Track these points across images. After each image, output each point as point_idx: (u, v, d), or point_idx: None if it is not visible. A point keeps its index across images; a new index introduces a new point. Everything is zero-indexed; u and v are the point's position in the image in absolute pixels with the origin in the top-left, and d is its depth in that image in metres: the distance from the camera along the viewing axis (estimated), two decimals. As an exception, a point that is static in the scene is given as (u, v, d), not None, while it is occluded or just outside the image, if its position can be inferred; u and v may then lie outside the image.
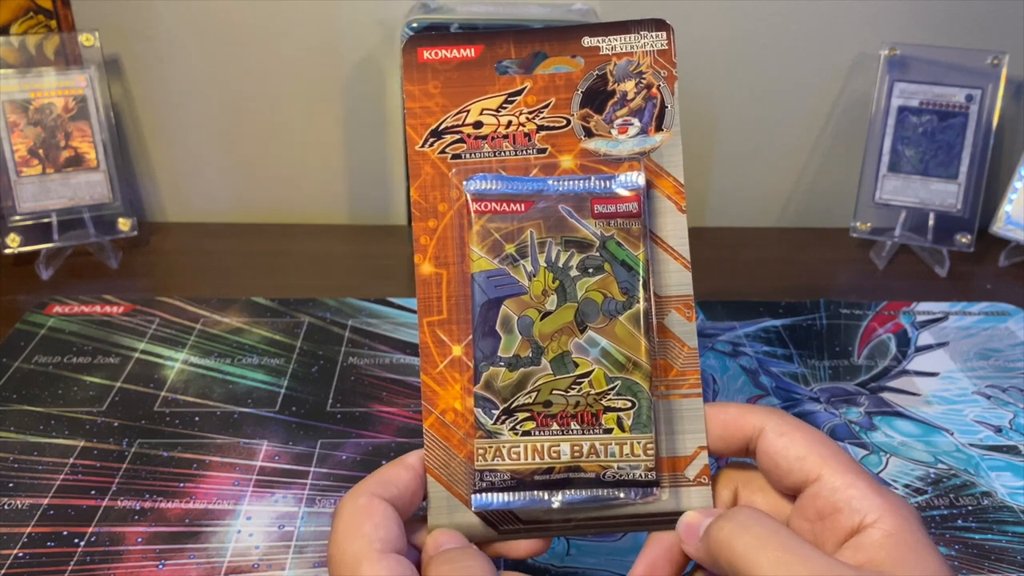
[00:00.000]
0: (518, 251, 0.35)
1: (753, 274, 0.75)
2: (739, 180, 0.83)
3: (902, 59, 0.74)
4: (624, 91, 0.37)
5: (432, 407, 0.35)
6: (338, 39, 0.76)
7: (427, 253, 0.36)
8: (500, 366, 0.35)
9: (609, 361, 0.35)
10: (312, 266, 0.75)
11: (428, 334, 0.36)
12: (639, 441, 0.34)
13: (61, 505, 0.47)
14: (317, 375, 0.59)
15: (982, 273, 0.75)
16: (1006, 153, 0.80)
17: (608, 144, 0.36)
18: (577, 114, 0.37)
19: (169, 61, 0.76)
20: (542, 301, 0.35)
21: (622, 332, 0.35)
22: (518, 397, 0.35)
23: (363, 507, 0.33)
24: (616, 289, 0.35)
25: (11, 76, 0.69)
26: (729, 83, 0.78)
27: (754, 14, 0.75)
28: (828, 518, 0.32)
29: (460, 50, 0.37)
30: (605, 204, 0.36)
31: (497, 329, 0.35)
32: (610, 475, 0.34)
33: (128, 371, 0.58)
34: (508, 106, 0.37)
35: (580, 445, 0.34)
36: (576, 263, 0.35)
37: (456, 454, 0.35)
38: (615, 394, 0.35)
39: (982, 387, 0.59)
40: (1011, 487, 0.50)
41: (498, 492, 0.34)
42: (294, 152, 0.80)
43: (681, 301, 0.36)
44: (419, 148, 0.36)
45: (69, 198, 0.71)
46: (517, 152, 0.37)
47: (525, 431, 0.34)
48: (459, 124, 0.37)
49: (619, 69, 0.37)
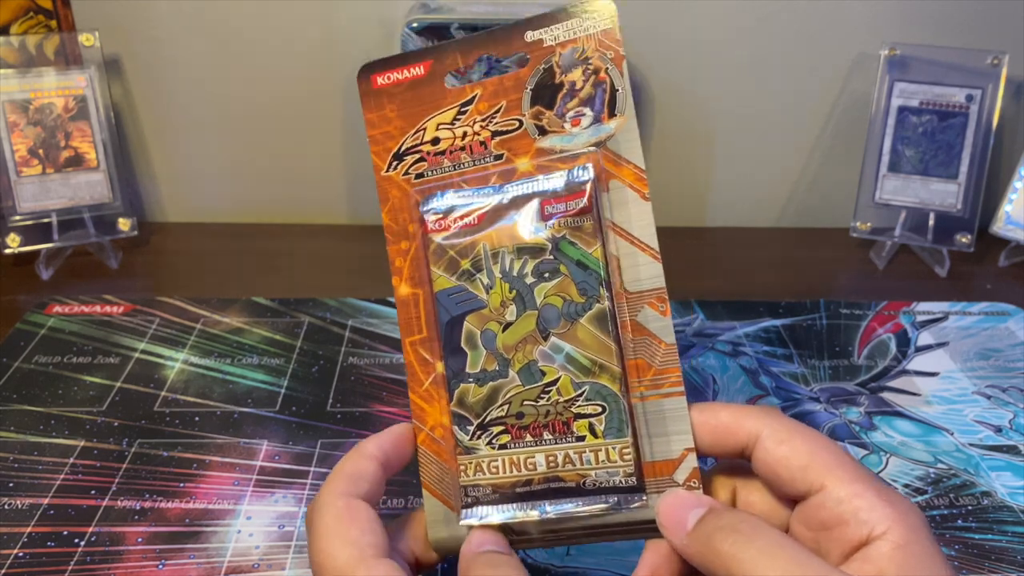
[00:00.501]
0: (473, 265, 0.35)
1: (753, 274, 0.75)
2: (739, 180, 0.83)
3: (902, 59, 0.74)
4: (572, 81, 0.35)
5: (422, 424, 0.35)
6: (338, 39, 0.76)
7: (403, 275, 0.36)
8: (469, 382, 0.35)
9: (575, 366, 0.34)
10: (312, 266, 0.75)
11: (412, 354, 0.36)
12: (614, 446, 0.33)
13: (61, 505, 0.47)
14: (317, 375, 0.59)
15: (982, 273, 0.75)
16: (1006, 153, 0.80)
17: (562, 140, 0.35)
18: (529, 113, 0.36)
19: (169, 61, 0.76)
20: (502, 313, 0.35)
21: (584, 335, 0.34)
22: (491, 411, 0.34)
23: (344, 510, 0.32)
24: (574, 291, 0.34)
25: (11, 76, 0.69)
26: (729, 83, 0.78)
27: (754, 14, 0.75)
28: (834, 529, 0.30)
29: (409, 70, 0.36)
30: (553, 204, 0.34)
31: (463, 346, 0.35)
32: (590, 483, 0.34)
33: (128, 371, 0.58)
34: (462, 117, 0.36)
35: (555, 455, 0.34)
36: (531, 270, 0.34)
37: (448, 468, 0.35)
38: (584, 400, 0.34)
39: (982, 387, 0.59)
40: (1011, 487, 0.50)
41: (484, 506, 0.34)
42: (294, 152, 0.80)
43: (654, 295, 0.34)
44: (384, 173, 0.37)
45: (69, 198, 0.71)
46: (475, 162, 0.36)
47: (501, 444, 0.34)
48: (418, 143, 0.36)
49: (564, 59, 0.35)
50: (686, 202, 0.84)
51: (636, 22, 0.75)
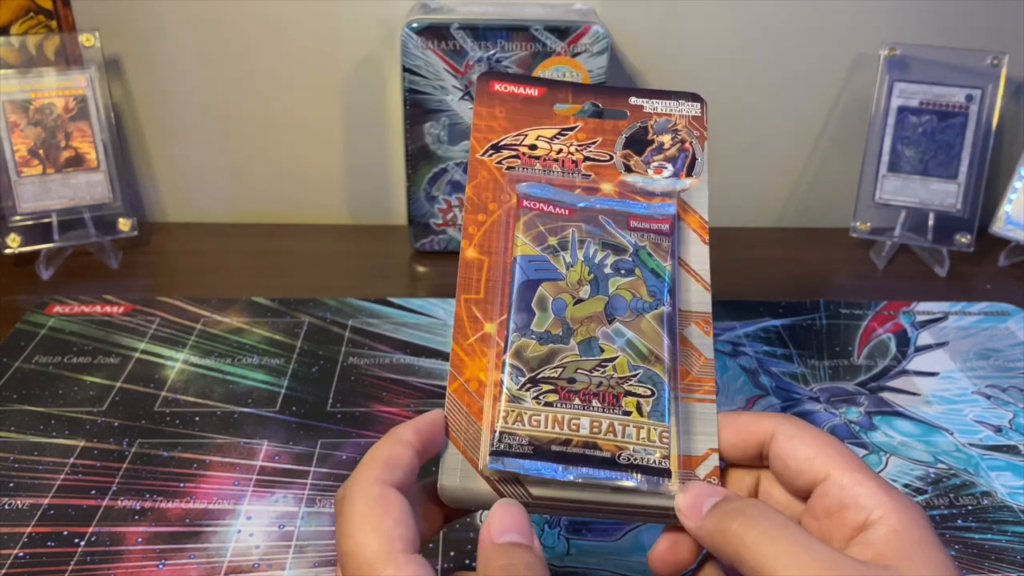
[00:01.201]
0: (559, 244, 0.39)
1: (753, 274, 0.75)
2: (739, 180, 0.83)
3: (902, 59, 0.74)
4: (662, 142, 0.42)
5: (458, 374, 0.37)
6: (338, 39, 0.76)
7: (473, 240, 0.39)
8: (531, 338, 0.37)
9: (633, 351, 0.37)
10: (312, 266, 0.75)
11: (464, 308, 0.38)
12: (655, 428, 0.36)
13: (61, 505, 0.47)
14: (317, 375, 0.59)
15: (982, 273, 0.75)
16: (1006, 153, 0.80)
17: (644, 180, 0.41)
18: (619, 153, 0.41)
19: (169, 61, 0.77)
20: (577, 289, 0.38)
21: (647, 328, 0.37)
22: (544, 369, 0.36)
23: (378, 499, 0.31)
24: (645, 291, 0.38)
25: (11, 76, 0.69)
26: (729, 83, 0.78)
27: (754, 14, 0.75)
28: (836, 515, 0.32)
29: (527, 88, 0.42)
30: (640, 221, 0.40)
31: (533, 306, 0.37)
32: (625, 456, 0.35)
33: (128, 371, 0.58)
34: (561, 137, 0.42)
35: (599, 422, 0.35)
36: (611, 263, 0.39)
37: (475, 421, 0.36)
38: (636, 381, 0.36)
39: (982, 387, 0.59)
40: (1011, 487, 0.50)
41: (515, 457, 0.35)
42: (294, 152, 0.80)
43: (701, 317, 0.39)
44: (479, 156, 0.41)
45: (69, 198, 0.71)
46: (564, 174, 0.41)
47: (548, 402, 0.36)
48: (517, 143, 0.41)
49: (659, 124, 0.42)
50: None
51: (637, 22, 0.75)
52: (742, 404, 0.57)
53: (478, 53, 0.68)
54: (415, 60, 0.68)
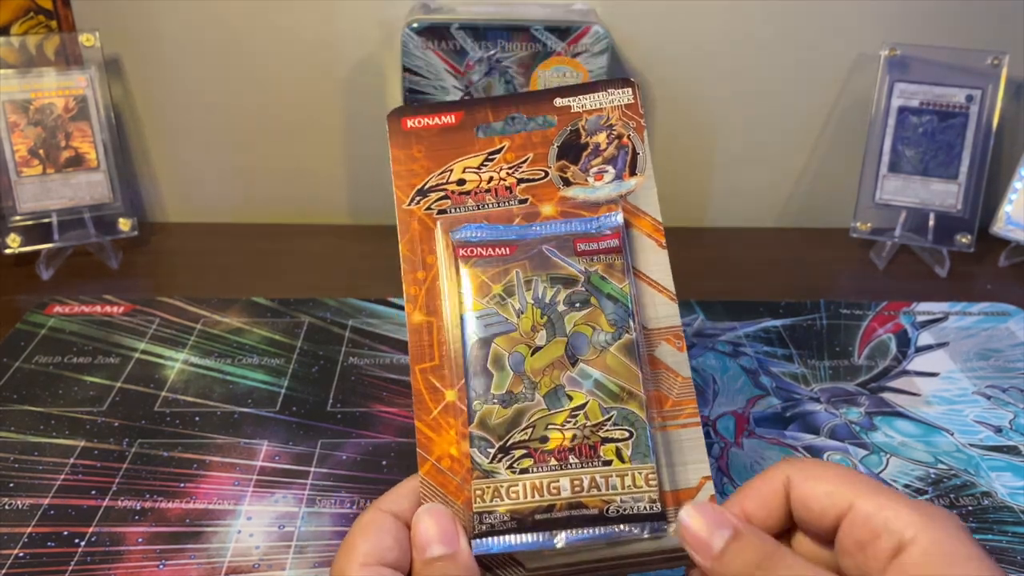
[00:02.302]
0: (505, 290, 0.36)
1: (753, 274, 0.75)
2: (739, 180, 0.83)
3: (902, 59, 0.74)
4: (597, 143, 0.39)
5: (428, 454, 0.35)
6: (338, 39, 0.76)
7: (417, 303, 0.37)
8: (493, 403, 0.35)
9: (603, 392, 0.35)
10: (312, 266, 0.75)
11: (421, 381, 0.36)
12: (640, 472, 0.34)
13: (61, 505, 0.47)
14: (317, 375, 0.59)
15: (982, 273, 0.75)
16: (1006, 153, 0.80)
17: (586, 191, 0.38)
18: (554, 166, 0.38)
19: (169, 61, 0.76)
20: (532, 337, 0.35)
21: (614, 363, 0.35)
22: (513, 434, 0.34)
23: (365, 522, 0.33)
24: (604, 321, 0.36)
25: (11, 76, 0.69)
26: (729, 83, 0.78)
27: (754, 14, 0.75)
28: (869, 546, 0.31)
29: (441, 117, 0.39)
30: (587, 242, 0.37)
31: (489, 367, 0.35)
32: (613, 509, 0.33)
33: (128, 371, 0.58)
34: (489, 163, 0.38)
35: (580, 479, 0.34)
36: (563, 298, 0.36)
37: (454, 501, 0.34)
38: (612, 424, 0.34)
39: (982, 387, 0.59)
40: (1011, 487, 0.50)
41: (498, 535, 0.33)
42: (294, 152, 0.80)
43: (670, 332, 0.36)
44: (406, 207, 0.38)
45: (69, 198, 0.71)
46: (499, 204, 0.38)
47: (523, 468, 0.34)
48: (443, 182, 0.38)
49: (591, 124, 0.39)
50: (686, 202, 0.84)
51: (637, 23, 0.75)
52: (742, 404, 0.57)
53: (478, 53, 0.68)
54: (415, 60, 0.68)
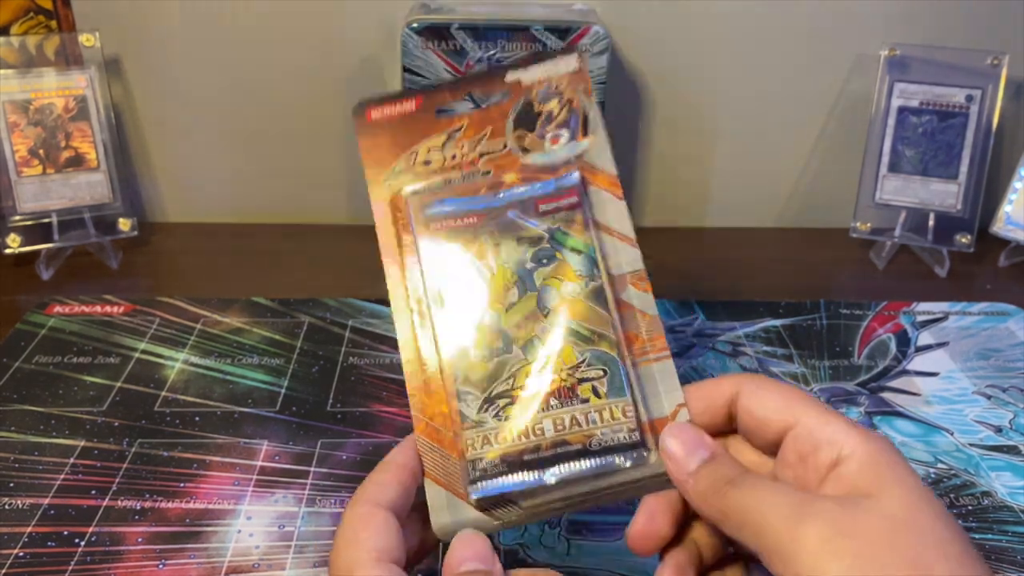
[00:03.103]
0: (477, 255, 0.39)
1: (753, 274, 0.75)
2: (739, 180, 0.83)
3: (902, 59, 0.74)
4: (550, 110, 0.41)
5: (421, 414, 0.37)
6: (338, 39, 0.76)
7: (398, 284, 0.40)
8: (475, 359, 0.37)
9: (575, 337, 0.37)
10: (312, 266, 0.75)
11: (412, 351, 0.38)
12: (616, 405, 0.36)
13: (61, 505, 0.47)
14: (317, 375, 0.59)
15: (982, 273, 0.75)
16: (1006, 153, 0.80)
17: (543, 156, 0.40)
18: (512, 136, 0.41)
19: (169, 61, 0.76)
20: (504, 296, 0.38)
21: (583, 309, 0.37)
22: (496, 385, 0.37)
23: (362, 516, 0.34)
24: (572, 273, 0.38)
25: (11, 76, 0.69)
26: (729, 83, 0.78)
27: (754, 14, 0.75)
28: (809, 457, 0.33)
29: (402, 104, 0.41)
30: (547, 203, 0.39)
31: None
32: (596, 443, 0.36)
33: (128, 371, 0.58)
34: (451, 142, 0.41)
35: (562, 418, 0.36)
36: (530, 256, 0.38)
37: (449, 454, 0.36)
38: (586, 366, 0.37)
39: (982, 387, 0.59)
40: (1011, 487, 0.50)
41: (493, 478, 0.35)
42: (294, 152, 0.80)
43: (635, 276, 0.39)
44: (378, 197, 0.42)
45: (69, 198, 0.71)
46: (465, 179, 0.40)
47: (507, 416, 0.36)
48: (410, 165, 0.41)
49: (541, 93, 0.41)
50: (686, 202, 0.84)
51: (637, 23, 0.75)
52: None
53: (478, 53, 0.68)
54: (415, 60, 0.68)
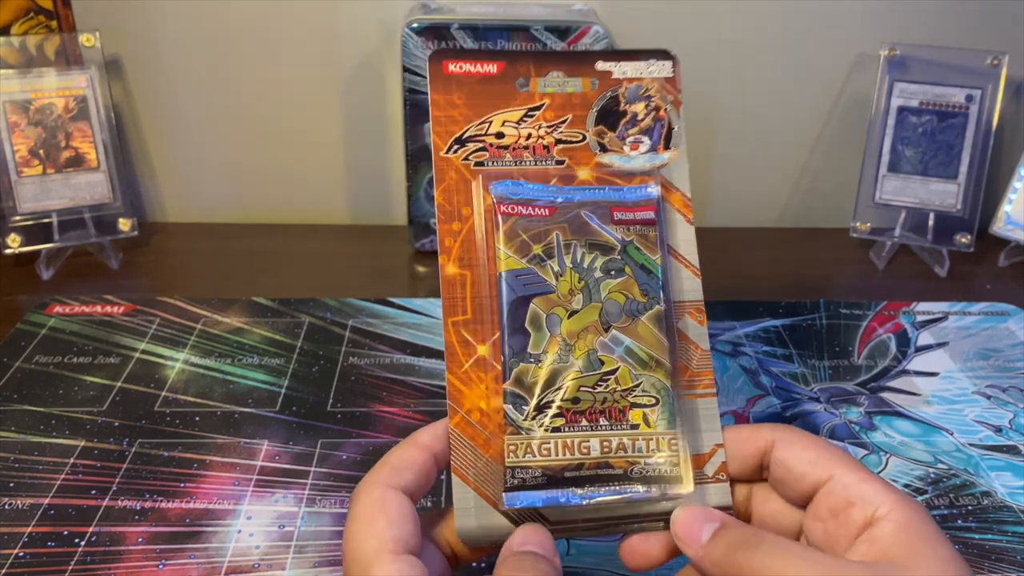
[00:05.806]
0: (545, 252, 0.37)
1: (753, 274, 0.75)
2: (739, 180, 0.83)
3: (902, 59, 0.74)
4: (635, 112, 0.39)
5: (458, 407, 0.35)
6: (338, 39, 0.76)
7: (451, 254, 0.37)
8: (530, 362, 0.35)
9: (633, 359, 0.36)
10: (312, 266, 0.75)
11: (453, 334, 0.36)
12: (664, 437, 0.35)
13: (62, 505, 0.47)
14: (317, 375, 0.59)
15: (982, 273, 0.75)
16: (1006, 153, 0.80)
17: (621, 159, 0.39)
18: (592, 130, 0.39)
19: (169, 61, 0.76)
20: (569, 300, 0.36)
21: (644, 332, 0.36)
22: (548, 393, 0.35)
23: (378, 500, 0.32)
24: (637, 291, 0.37)
25: (12, 76, 0.69)
26: (729, 83, 0.78)
27: (754, 14, 0.75)
28: (841, 514, 0.32)
29: (483, 65, 0.39)
30: (624, 211, 0.38)
31: (526, 326, 0.36)
32: (636, 471, 0.35)
33: (129, 371, 0.58)
34: (528, 120, 0.39)
35: (609, 441, 0.35)
36: (600, 264, 0.37)
37: (483, 454, 0.35)
38: (640, 391, 0.36)
39: (982, 387, 0.59)
40: (1011, 487, 0.50)
41: (529, 490, 0.34)
42: (294, 152, 0.80)
43: (693, 306, 0.38)
44: (443, 154, 0.38)
45: (70, 198, 0.71)
46: (537, 163, 0.38)
47: (555, 427, 0.35)
48: (482, 133, 0.38)
49: (630, 92, 0.39)
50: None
51: (637, 23, 0.75)
52: (742, 404, 0.57)
53: (478, 53, 0.68)
54: (415, 60, 0.68)
